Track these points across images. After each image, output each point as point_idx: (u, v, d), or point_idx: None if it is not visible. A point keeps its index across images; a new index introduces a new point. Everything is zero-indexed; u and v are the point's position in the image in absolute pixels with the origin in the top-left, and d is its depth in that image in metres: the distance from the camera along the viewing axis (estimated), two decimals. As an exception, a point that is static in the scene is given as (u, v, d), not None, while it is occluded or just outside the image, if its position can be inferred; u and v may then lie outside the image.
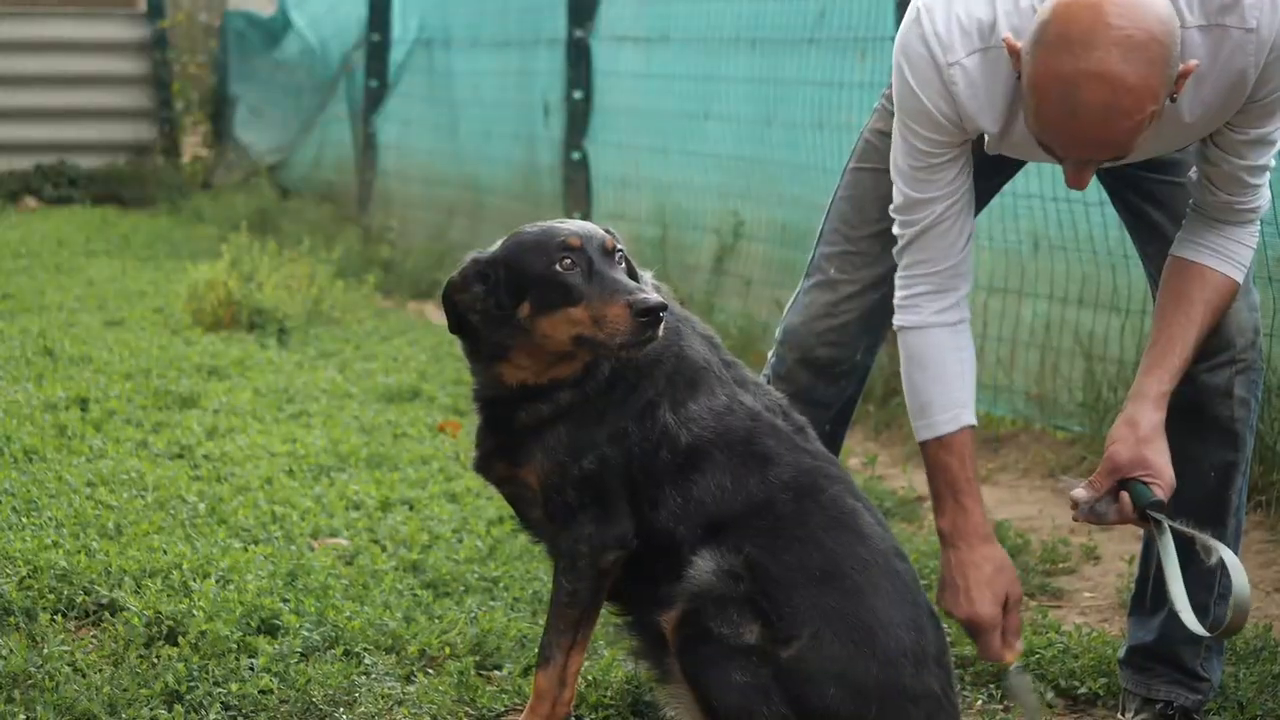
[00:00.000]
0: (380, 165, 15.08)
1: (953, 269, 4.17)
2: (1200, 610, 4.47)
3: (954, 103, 3.96)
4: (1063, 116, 3.63)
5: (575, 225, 4.01)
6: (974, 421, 4.22)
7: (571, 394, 4.03)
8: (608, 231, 4.03)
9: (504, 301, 3.98)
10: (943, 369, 4.19)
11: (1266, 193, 4.10)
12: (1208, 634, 4.02)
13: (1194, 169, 4.13)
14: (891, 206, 4.20)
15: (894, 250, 4.23)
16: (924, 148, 4.06)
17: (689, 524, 3.98)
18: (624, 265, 3.99)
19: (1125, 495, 4.01)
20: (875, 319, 4.47)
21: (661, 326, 3.86)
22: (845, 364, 4.55)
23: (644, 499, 4.01)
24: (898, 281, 4.24)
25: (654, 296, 3.85)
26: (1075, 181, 3.79)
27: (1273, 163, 4.06)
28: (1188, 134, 3.99)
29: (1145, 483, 4.00)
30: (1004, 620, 4.13)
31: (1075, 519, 4.12)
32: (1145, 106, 3.59)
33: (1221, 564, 3.93)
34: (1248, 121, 3.94)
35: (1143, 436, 4.01)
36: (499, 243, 4.08)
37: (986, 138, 4.08)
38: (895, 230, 4.20)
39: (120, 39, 18.40)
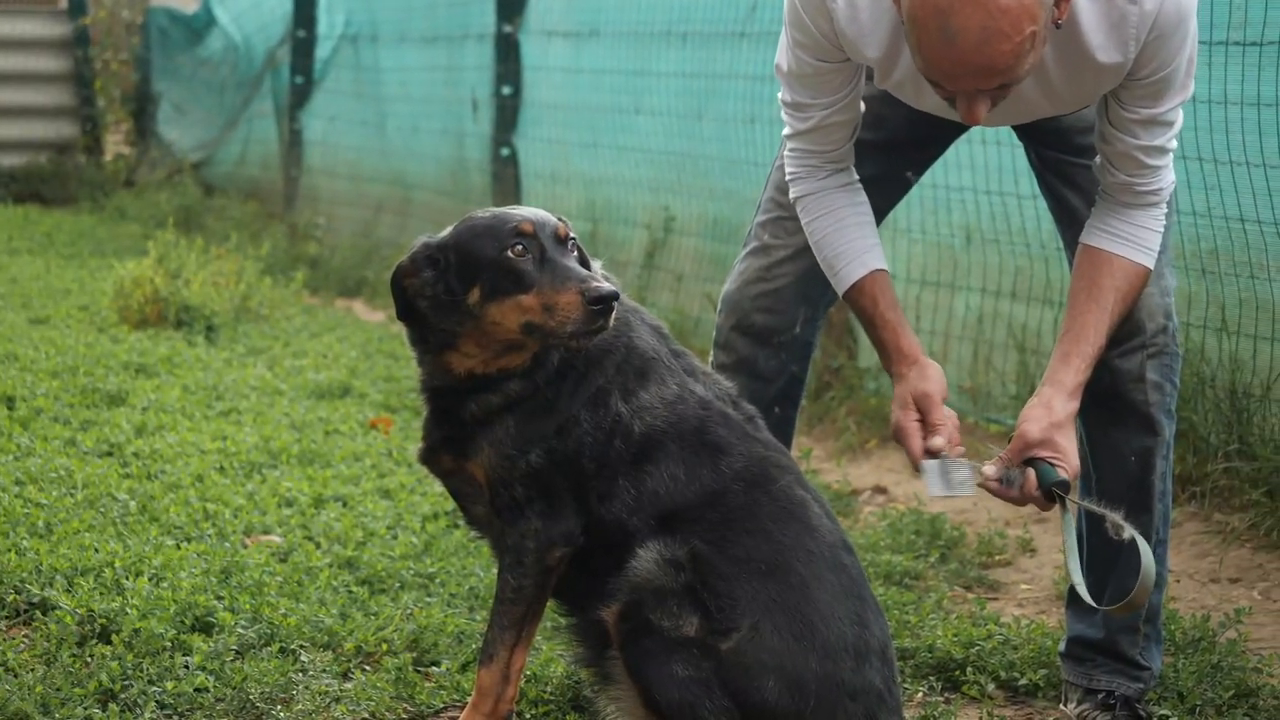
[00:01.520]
0: (306, 162, 15.01)
1: (839, 154, 4.27)
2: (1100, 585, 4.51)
3: (832, 24, 3.99)
4: (942, 45, 3.64)
5: (528, 211, 3.97)
6: (881, 266, 4.25)
7: (521, 384, 3.98)
8: (560, 220, 3.99)
9: (454, 287, 3.93)
10: (841, 223, 4.26)
11: (1169, 175, 4.13)
12: (1100, 607, 4.04)
13: (1098, 154, 4.15)
14: (780, 97, 4.25)
15: (783, 133, 4.30)
16: (805, 57, 4.10)
17: (642, 515, 3.95)
18: (576, 253, 3.95)
19: (1031, 472, 4.04)
20: (812, 288, 4.48)
21: (613, 316, 3.83)
22: (784, 334, 4.54)
23: (594, 492, 3.97)
24: (786, 158, 4.33)
25: (606, 285, 3.81)
26: (969, 116, 3.80)
27: (1173, 145, 4.10)
28: (1077, 92, 4.02)
29: (1051, 464, 4.04)
30: (927, 420, 4.13)
31: (982, 485, 4.12)
32: (1023, 27, 3.61)
33: (1132, 541, 3.95)
34: (1134, 99, 3.98)
35: (1055, 420, 4.05)
36: (449, 228, 4.03)
37: (875, 70, 4.12)
38: (784, 117, 4.27)
39: (41, 36, 18.23)
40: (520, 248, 3.88)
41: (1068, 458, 4.04)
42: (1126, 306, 4.17)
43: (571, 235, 3.95)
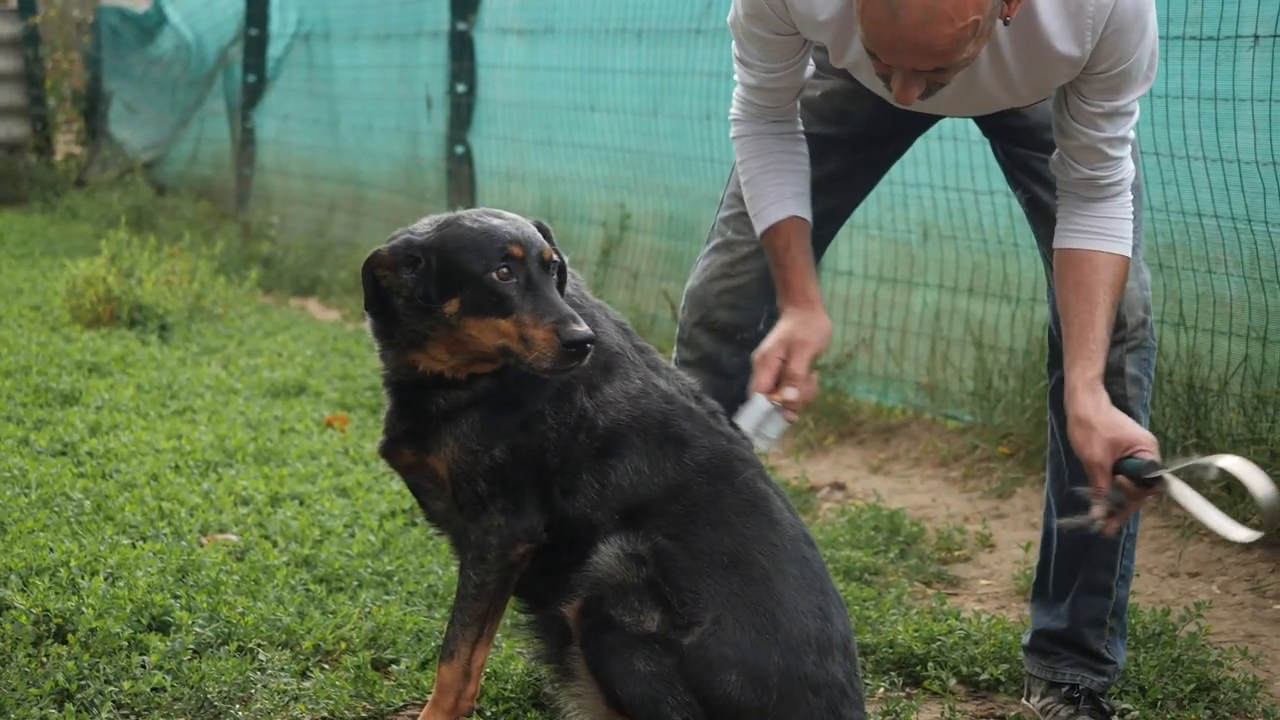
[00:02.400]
0: (259, 161, 14.97)
1: (781, 111, 4.28)
2: (1103, 590, 4.49)
3: (785, 1, 3.99)
4: (885, 16, 3.63)
5: (516, 229, 3.89)
6: (803, 215, 4.24)
7: (490, 381, 3.95)
8: (540, 227, 3.95)
9: (431, 293, 3.87)
10: (771, 165, 4.27)
11: (1129, 164, 4.12)
12: (1255, 535, 3.86)
13: (1056, 150, 4.14)
14: (732, 47, 4.26)
15: (735, 76, 4.30)
16: (754, 28, 4.09)
17: (606, 510, 3.92)
18: (556, 276, 3.91)
19: (1124, 480, 3.94)
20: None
21: (588, 357, 3.80)
22: (747, 330, 4.51)
23: (558, 487, 3.95)
24: (733, 99, 4.32)
25: (582, 329, 3.77)
26: (901, 95, 3.79)
27: (1132, 135, 4.09)
28: (1034, 83, 4.00)
29: (1131, 456, 3.93)
30: (786, 364, 4.12)
31: (1102, 529, 4.02)
32: (966, 13, 3.60)
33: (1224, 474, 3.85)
34: (1096, 93, 3.97)
35: (1099, 424, 3.97)
36: (433, 226, 3.94)
37: (829, 51, 4.11)
38: (735, 66, 4.27)
39: (-9, 36, 18.14)
40: (506, 270, 3.82)
41: (1137, 442, 3.93)
42: (1117, 295, 4.13)
43: (555, 258, 3.91)
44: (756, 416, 4.08)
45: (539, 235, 3.92)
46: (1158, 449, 3.95)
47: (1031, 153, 4.36)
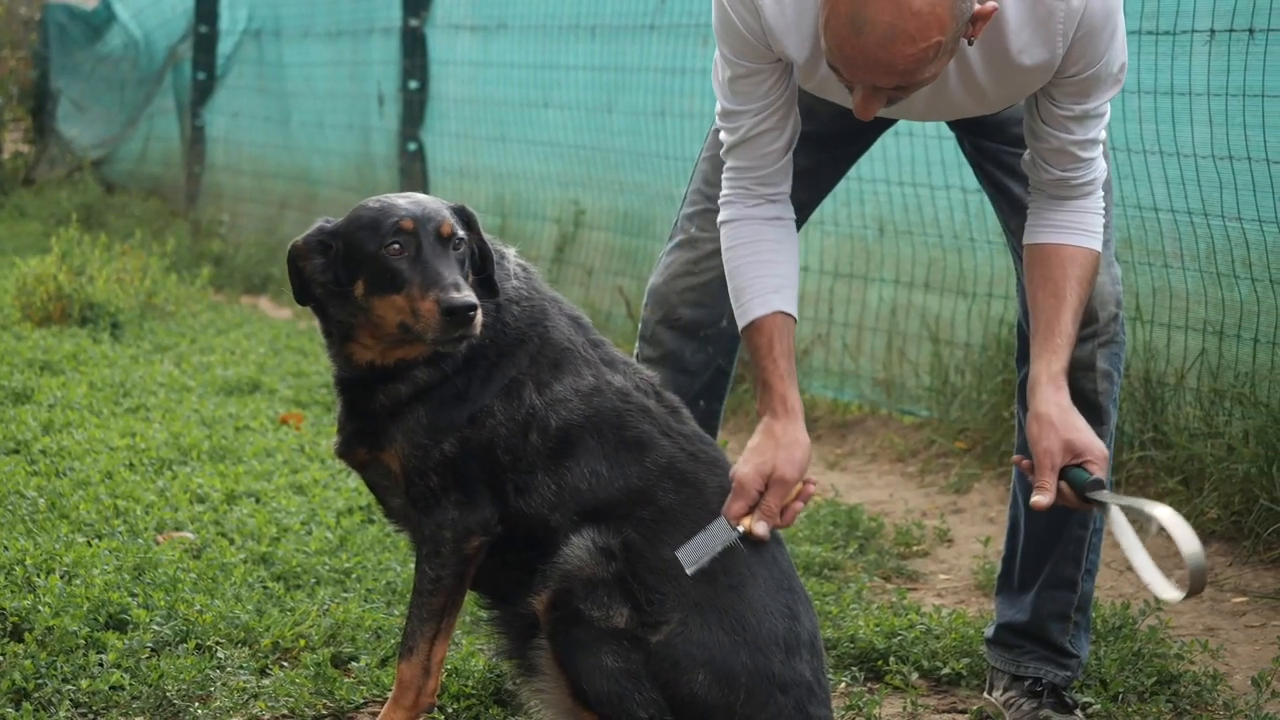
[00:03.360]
0: (209, 159, 14.91)
1: (771, 175, 4.12)
2: (1068, 584, 4.49)
3: (760, 19, 3.92)
4: (848, 32, 3.60)
5: (413, 205, 3.90)
6: (787, 309, 4.07)
7: (428, 372, 3.93)
8: (457, 210, 3.94)
9: (341, 278, 3.90)
10: (758, 255, 4.11)
11: (1100, 164, 4.11)
12: (1180, 597, 3.82)
13: (1027, 150, 4.12)
14: (716, 111, 4.18)
15: (720, 152, 4.19)
16: (735, 59, 4.01)
17: (564, 511, 3.90)
18: (460, 250, 3.88)
19: (1065, 485, 3.90)
20: None
21: (475, 326, 3.77)
22: (710, 327, 4.48)
23: (511, 484, 3.93)
24: (722, 180, 4.19)
25: (462, 297, 3.75)
26: (862, 109, 3.75)
27: (1103, 135, 4.08)
28: (1005, 92, 3.98)
29: (1079, 465, 3.90)
30: (764, 496, 3.92)
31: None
32: (930, 35, 3.57)
33: (1163, 530, 3.80)
34: (1067, 96, 3.95)
35: (1058, 423, 3.93)
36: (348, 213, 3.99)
37: (797, 70, 4.06)
38: (721, 136, 4.17)
39: (-63, 33, 18.02)
40: (397, 246, 3.83)
41: (1089, 451, 3.89)
42: (1086, 290, 4.11)
43: (458, 233, 3.88)
44: (711, 542, 3.85)
45: (442, 212, 3.90)
46: (1108, 466, 3.95)
47: (1002, 147, 4.34)
